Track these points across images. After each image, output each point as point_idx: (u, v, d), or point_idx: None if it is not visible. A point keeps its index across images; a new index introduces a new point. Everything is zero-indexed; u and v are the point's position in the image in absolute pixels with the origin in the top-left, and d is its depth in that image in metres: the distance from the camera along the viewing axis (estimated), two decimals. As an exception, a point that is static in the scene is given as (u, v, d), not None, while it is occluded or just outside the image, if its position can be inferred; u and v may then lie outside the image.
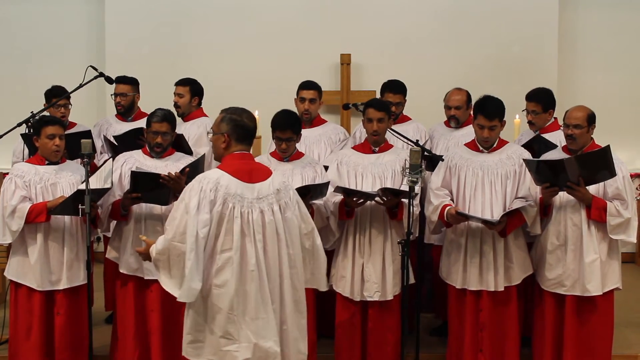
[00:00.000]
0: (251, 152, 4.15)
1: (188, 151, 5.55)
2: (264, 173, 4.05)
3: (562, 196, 5.03)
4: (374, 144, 5.34)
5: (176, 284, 3.87)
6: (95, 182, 4.97)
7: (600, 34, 8.43)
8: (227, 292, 3.86)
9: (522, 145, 5.50)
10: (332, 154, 5.76)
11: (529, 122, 5.91)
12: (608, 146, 4.82)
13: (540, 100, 5.83)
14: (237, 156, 4.00)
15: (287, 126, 5.12)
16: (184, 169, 4.98)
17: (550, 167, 4.89)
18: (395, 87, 6.14)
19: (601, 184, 4.98)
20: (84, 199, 4.81)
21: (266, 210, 3.94)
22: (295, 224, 4.05)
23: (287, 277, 4.00)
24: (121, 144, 5.64)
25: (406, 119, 6.26)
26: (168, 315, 5.15)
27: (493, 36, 8.23)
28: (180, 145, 5.55)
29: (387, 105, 5.33)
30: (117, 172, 5.18)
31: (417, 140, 5.61)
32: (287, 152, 5.24)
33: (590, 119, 5.03)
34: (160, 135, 5.16)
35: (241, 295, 3.86)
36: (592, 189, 4.97)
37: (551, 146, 5.46)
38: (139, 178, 4.93)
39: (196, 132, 6.18)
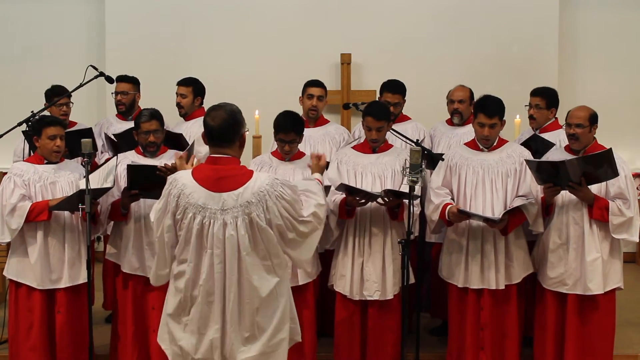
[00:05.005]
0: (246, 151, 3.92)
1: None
2: (235, 181, 3.67)
3: (565, 195, 5.03)
4: (374, 147, 5.33)
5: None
6: (97, 180, 4.96)
7: (600, 33, 8.42)
8: (176, 298, 3.76)
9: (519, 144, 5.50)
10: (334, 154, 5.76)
11: (530, 117, 5.92)
12: (610, 149, 4.82)
13: (545, 96, 5.87)
14: (209, 160, 3.74)
15: (290, 128, 5.11)
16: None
17: (552, 168, 4.89)
18: (394, 87, 6.13)
19: (603, 183, 4.98)
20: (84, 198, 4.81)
21: (229, 223, 3.65)
22: (272, 235, 3.69)
23: (249, 295, 3.68)
24: (122, 142, 5.64)
25: (405, 118, 6.26)
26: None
27: (493, 36, 8.23)
28: (180, 144, 5.55)
29: (386, 113, 5.27)
30: None
31: (418, 140, 5.60)
32: (290, 154, 5.24)
33: (593, 118, 5.03)
34: (152, 133, 5.18)
35: (188, 305, 3.73)
36: (594, 188, 4.97)
37: (548, 144, 5.48)
38: (136, 172, 4.92)
39: (197, 131, 6.16)
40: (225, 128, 3.70)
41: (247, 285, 3.69)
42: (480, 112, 5.09)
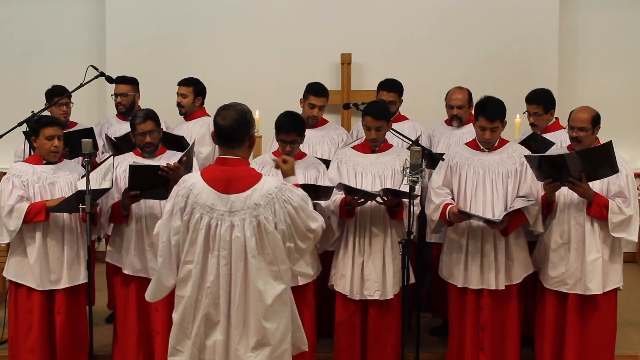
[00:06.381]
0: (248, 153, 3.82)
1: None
2: (244, 183, 3.66)
3: (566, 195, 5.03)
4: (374, 146, 5.33)
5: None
6: (94, 181, 4.95)
7: (600, 33, 8.42)
8: (183, 305, 3.72)
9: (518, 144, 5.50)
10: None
11: (532, 124, 5.88)
12: (610, 142, 4.81)
13: (542, 102, 5.81)
14: (218, 161, 3.73)
15: (292, 129, 5.10)
16: (181, 158, 4.98)
17: (552, 163, 4.88)
18: (389, 86, 6.12)
19: (605, 181, 4.99)
20: (84, 198, 4.80)
21: (237, 224, 3.63)
22: (279, 239, 3.67)
23: (254, 299, 3.65)
24: (123, 144, 5.64)
25: (403, 118, 6.26)
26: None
27: (493, 36, 8.22)
28: (182, 146, 5.54)
29: (385, 113, 5.25)
30: None
31: (418, 140, 5.60)
32: (291, 154, 5.23)
33: (595, 120, 5.02)
34: (147, 134, 5.16)
35: (196, 310, 3.70)
36: (597, 187, 4.97)
37: (548, 143, 5.47)
38: (138, 172, 4.91)
39: (198, 131, 6.19)
40: (236, 128, 3.68)
41: (253, 289, 3.67)
42: (481, 116, 5.08)
